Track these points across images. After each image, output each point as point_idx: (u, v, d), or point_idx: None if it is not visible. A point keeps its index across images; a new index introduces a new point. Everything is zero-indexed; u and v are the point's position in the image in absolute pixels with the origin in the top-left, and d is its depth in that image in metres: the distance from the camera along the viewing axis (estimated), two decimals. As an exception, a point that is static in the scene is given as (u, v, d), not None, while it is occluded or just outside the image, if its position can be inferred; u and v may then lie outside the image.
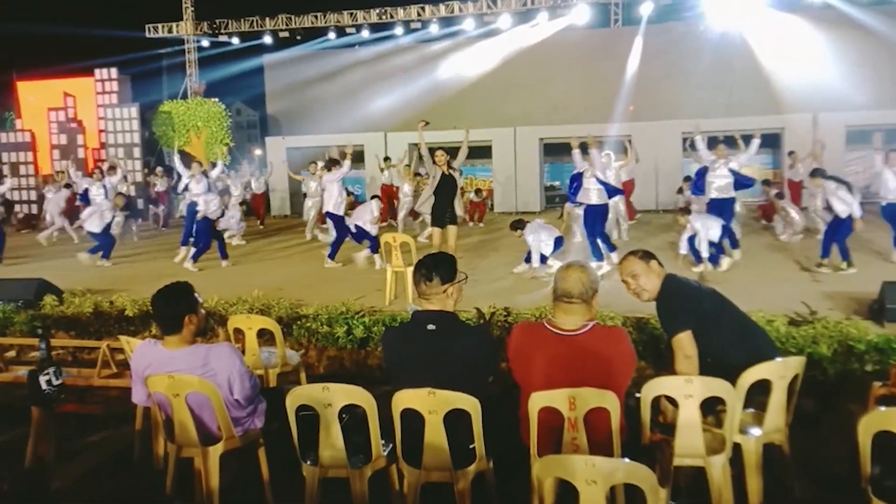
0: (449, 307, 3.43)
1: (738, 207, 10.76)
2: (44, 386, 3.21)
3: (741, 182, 10.03)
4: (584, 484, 2.43)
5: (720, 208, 9.85)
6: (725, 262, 9.32)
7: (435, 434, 3.23)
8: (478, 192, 17.35)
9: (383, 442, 3.45)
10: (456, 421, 3.22)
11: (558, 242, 9.52)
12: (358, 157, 20.70)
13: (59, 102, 23.19)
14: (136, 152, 22.43)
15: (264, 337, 5.63)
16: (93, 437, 5.55)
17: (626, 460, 2.50)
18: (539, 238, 9.44)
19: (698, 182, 10.36)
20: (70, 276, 10.25)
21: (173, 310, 3.54)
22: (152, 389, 3.56)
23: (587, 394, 3.09)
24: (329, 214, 11.19)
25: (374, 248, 10.72)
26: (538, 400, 3.15)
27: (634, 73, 20.52)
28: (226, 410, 3.60)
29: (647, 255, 3.96)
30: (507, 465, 3.58)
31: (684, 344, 3.69)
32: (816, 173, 10.00)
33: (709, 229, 9.28)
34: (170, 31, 24.25)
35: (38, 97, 23.76)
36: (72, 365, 6.93)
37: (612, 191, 10.04)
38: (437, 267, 3.43)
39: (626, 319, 6.19)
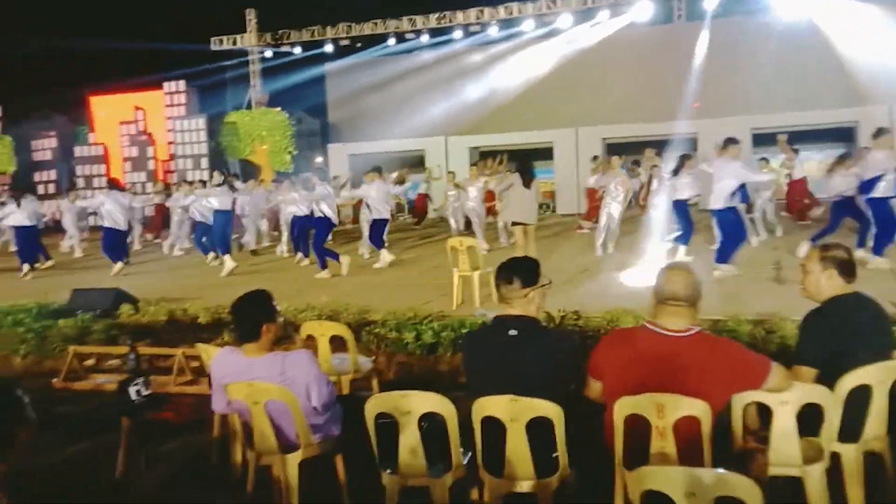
0: (531, 312, 3.34)
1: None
2: (133, 396, 3.25)
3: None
4: (682, 497, 2.32)
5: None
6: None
7: (517, 443, 3.15)
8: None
9: (463, 450, 3.38)
10: (538, 429, 3.13)
11: None
12: (418, 162, 20.84)
13: (129, 116, 23.91)
14: (204, 163, 22.95)
15: (334, 343, 5.63)
16: (170, 444, 5.62)
17: (727, 472, 2.37)
18: None
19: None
20: (145, 285, 10.49)
21: (252, 317, 3.55)
22: (232, 397, 3.57)
23: (676, 401, 2.96)
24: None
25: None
26: (624, 406, 3.04)
27: (699, 69, 20.06)
28: (304, 418, 3.58)
29: (835, 262, 3.52)
30: (590, 475, 3.48)
31: (803, 378, 3.34)
32: None
33: None
34: (234, 42, 24.72)
35: (109, 111, 24.53)
36: (147, 373, 7.05)
37: None
38: (518, 270, 3.35)
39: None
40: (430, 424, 3.35)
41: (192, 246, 14.39)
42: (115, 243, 12.63)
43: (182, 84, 24.07)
